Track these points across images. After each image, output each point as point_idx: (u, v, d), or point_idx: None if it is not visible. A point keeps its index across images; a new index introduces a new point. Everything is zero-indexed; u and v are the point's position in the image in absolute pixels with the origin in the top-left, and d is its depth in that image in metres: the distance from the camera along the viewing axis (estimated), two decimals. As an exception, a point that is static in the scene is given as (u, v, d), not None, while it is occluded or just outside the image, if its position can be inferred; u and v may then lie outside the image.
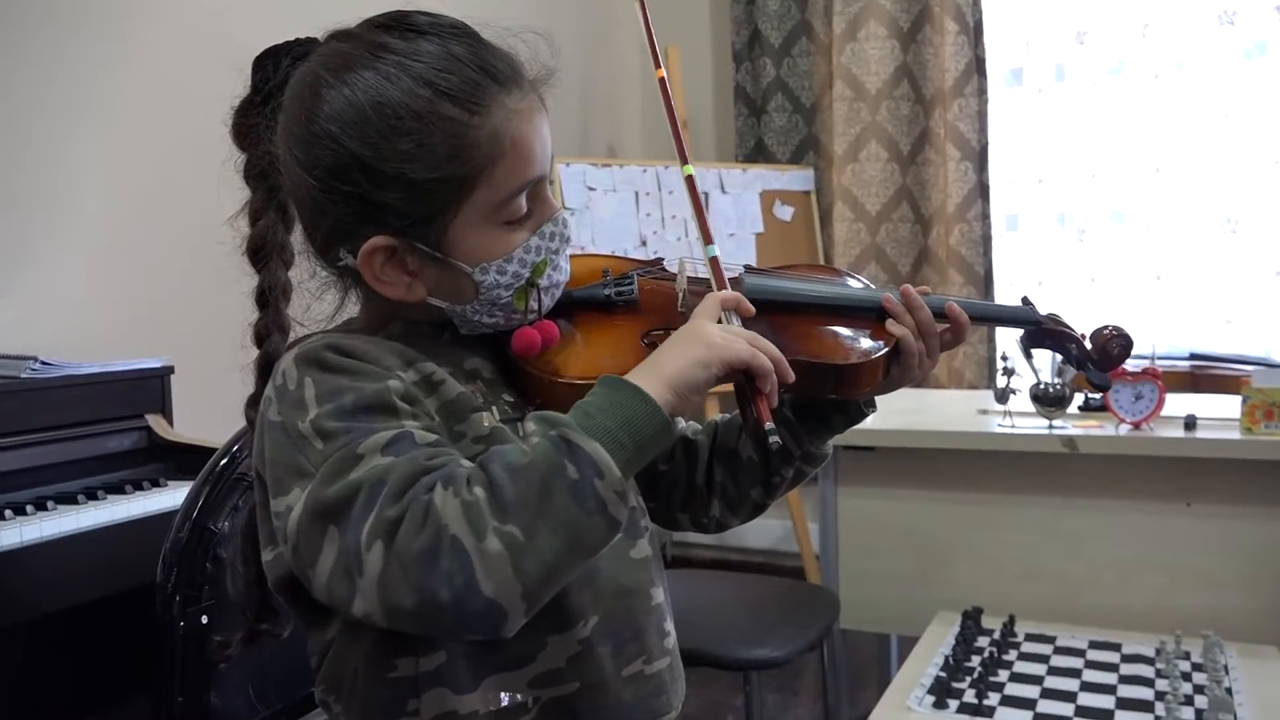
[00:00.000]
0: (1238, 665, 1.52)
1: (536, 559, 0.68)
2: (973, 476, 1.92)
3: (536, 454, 0.70)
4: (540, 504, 0.69)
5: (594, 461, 0.70)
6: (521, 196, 0.81)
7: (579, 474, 0.69)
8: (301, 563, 0.73)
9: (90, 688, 1.63)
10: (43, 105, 1.97)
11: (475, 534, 0.67)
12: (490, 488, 0.69)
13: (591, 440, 0.71)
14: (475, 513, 0.68)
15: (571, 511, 0.69)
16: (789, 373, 0.79)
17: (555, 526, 0.69)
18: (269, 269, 0.85)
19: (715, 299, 0.83)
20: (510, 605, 0.69)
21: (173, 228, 2.15)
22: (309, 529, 0.71)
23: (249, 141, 0.86)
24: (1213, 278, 3.08)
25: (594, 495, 0.69)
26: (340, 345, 0.79)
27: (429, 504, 0.69)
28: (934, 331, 0.95)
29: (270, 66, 0.85)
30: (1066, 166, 3.27)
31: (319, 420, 0.74)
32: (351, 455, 0.72)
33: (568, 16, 3.54)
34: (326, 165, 0.78)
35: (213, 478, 1.07)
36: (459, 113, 0.78)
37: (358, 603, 0.70)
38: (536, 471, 0.69)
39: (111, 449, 1.73)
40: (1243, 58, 3.03)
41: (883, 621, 2.05)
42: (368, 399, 0.75)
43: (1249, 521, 1.75)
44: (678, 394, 0.76)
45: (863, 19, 3.40)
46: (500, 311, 0.84)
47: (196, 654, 1.01)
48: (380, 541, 0.68)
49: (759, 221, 3.37)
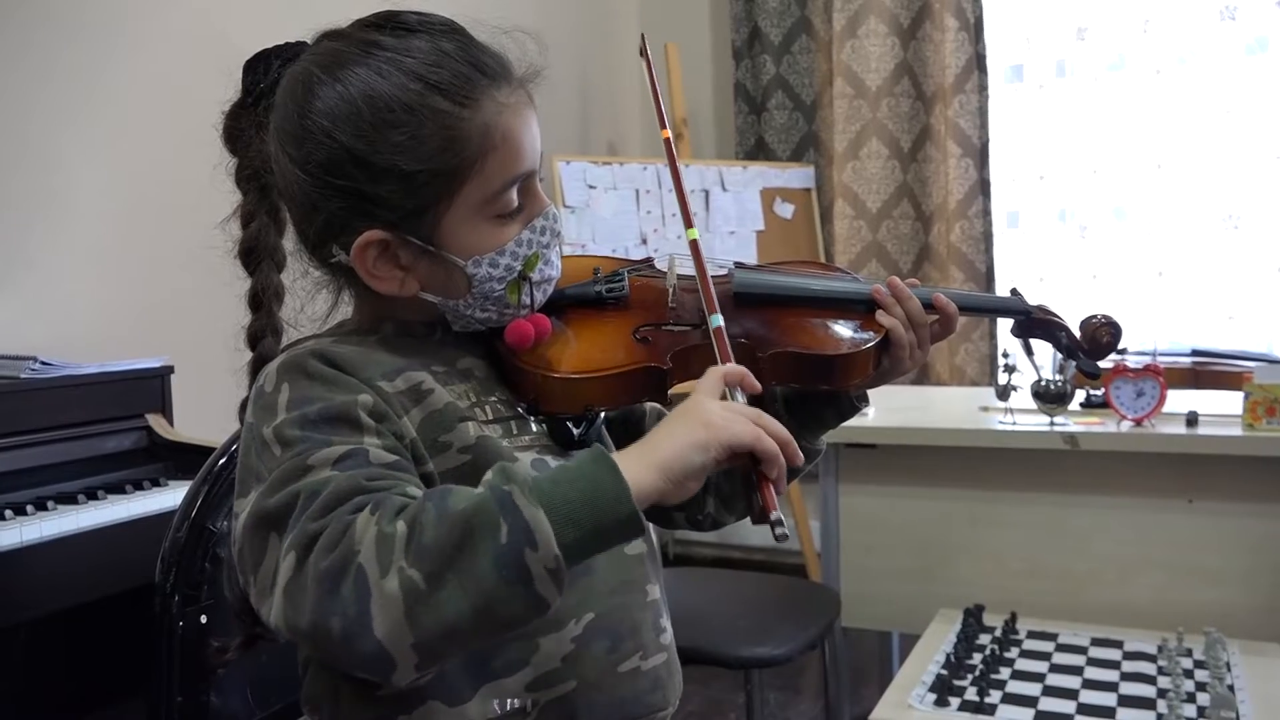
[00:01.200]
0: (1239, 662, 1.52)
1: (434, 613, 0.64)
2: (974, 474, 1.92)
3: (473, 504, 0.66)
4: (455, 556, 0.64)
5: (529, 529, 0.64)
6: (512, 190, 0.82)
7: (509, 538, 0.64)
8: (244, 567, 0.73)
9: (89, 687, 1.63)
10: (40, 106, 1.97)
11: (380, 568, 0.64)
12: (413, 525, 0.65)
13: (537, 507, 0.65)
14: (387, 547, 0.65)
15: (488, 576, 0.64)
16: (798, 454, 0.74)
17: (465, 585, 0.64)
18: (261, 271, 0.86)
19: (717, 373, 0.78)
20: (398, 655, 0.64)
21: (172, 227, 2.14)
22: (251, 536, 0.71)
23: (240, 144, 0.86)
24: (1214, 274, 3.07)
25: (519, 565, 0.64)
26: (325, 353, 0.79)
27: (349, 525, 0.66)
28: (924, 322, 0.96)
29: (260, 69, 0.86)
30: (1068, 163, 3.27)
31: (281, 428, 0.74)
32: (301, 466, 0.71)
33: (567, 15, 3.54)
34: (319, 160, 0.79)
35: (212, 477, 1.06)
36: (450, 106, 0.78)
37: (269, 611, 0.68)
38: (465, 522, 0.65)
39: (111, 449, 1.73)
40: (1244, 53, 3.03)
41: (884, 619, 2.05)
42: (333, 410, 0.74)
43: (1251, 518, 1.75)
44: (670, 479, 0.70)
45: (863, 16, 3.39)
46: (493, 305, 0.84)
47: (195, 654, 1.00)
48: (294, 554, 0.67)
49: (759, 219, 3.36)
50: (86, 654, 1.61)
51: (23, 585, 1.41)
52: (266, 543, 0.70)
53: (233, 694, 1.04)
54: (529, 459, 0.83)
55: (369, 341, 0.83)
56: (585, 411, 0.87)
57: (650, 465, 0.70)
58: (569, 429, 0.87)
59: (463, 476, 0.78)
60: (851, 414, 1.00)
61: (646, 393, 0.89)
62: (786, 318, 0.94)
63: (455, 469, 0.79)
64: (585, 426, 0.88)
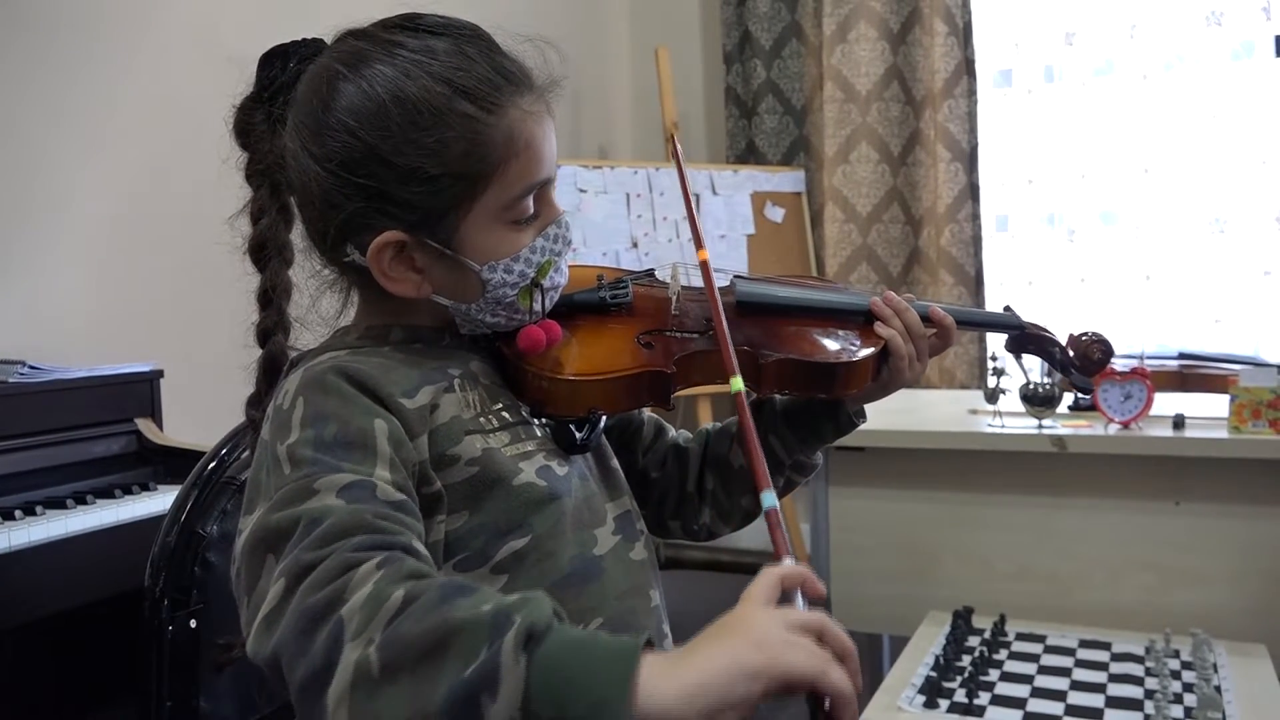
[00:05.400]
0: (1226, 663, 1.53)
1: (371, 705, 0.57)
2: (963, 476, 1.93)
3: (469, 619, 0.58)
4: (418, 664, 0.57)
5: (496, 678, 0.55)
6: (529, 197, 0.83)
7: (473, 674, 0.56)
8: (240, 589, 0.71)
9: (79, 693, 1.62)
10: (30, 110, 1.96)
11: (355, 629, 0.59)
12: (406, 603, 0.60)
13: (520, 661, 0.56)
14: (372, 611, 0.60)
15: (435, 700, 0.56)
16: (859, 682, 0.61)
17: (411, 699, 0.57)
18: (271, 268, 0.85)
19: (775, 576, 0.65)
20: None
21: (162, 232, 2.14)
22: (250, 556, 0.70)
23: (252, 139, 0.85)
24: (1201, 277, 3.09)
25: (470, 704, 0.55)
26: (345, 369, 0.77)
27: (350, 567, 0.63)
28: (922, 333, 0.98)
29: (277, 65, 0.86)
30: (1056, 167, 3.28)
31: (294, 446, 0.72)
32: (307, 489, 0.69)
33: (559, 18, 3.54)
34: (342, 158, 0.78)
35: (201, 481, 1.06)
36: (476, 111, 0.79)
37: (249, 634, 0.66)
38: (449, 634, 0.58)
39: (100, 453, 1.72)
40: (1230, 58, 3.05)
41: (874, 621, 2.05)
42: (349, 435, 0.73)
43: (1237, 520, 1.76)
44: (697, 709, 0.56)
45: (853, 21, 3.41)
46: (504, 310, 0.85)
47: (185, 658, 1.00)
48: (284, 581, 0.64)
49: (750, 223, 3.37)
50: (76, 659, 1.61)
51: (11, 590, 1.40)
52: (263, 566, 0.68)
53: (223, 699, 1.04)
54: (535, 465, 0.83)
55: (383, 352, 0.83)
56: (588, 414, 0.89)
57: (680, 686, 0.57)
58: (571, 432, 0.87)
59: (472, 488, 0.78)
60: (850, 429, 1.01)
61: (649, 397, 0.90)
62: (788, 327, 0.96)
63: (464, 481, 0.78)
64: (588, 430, 0.89)
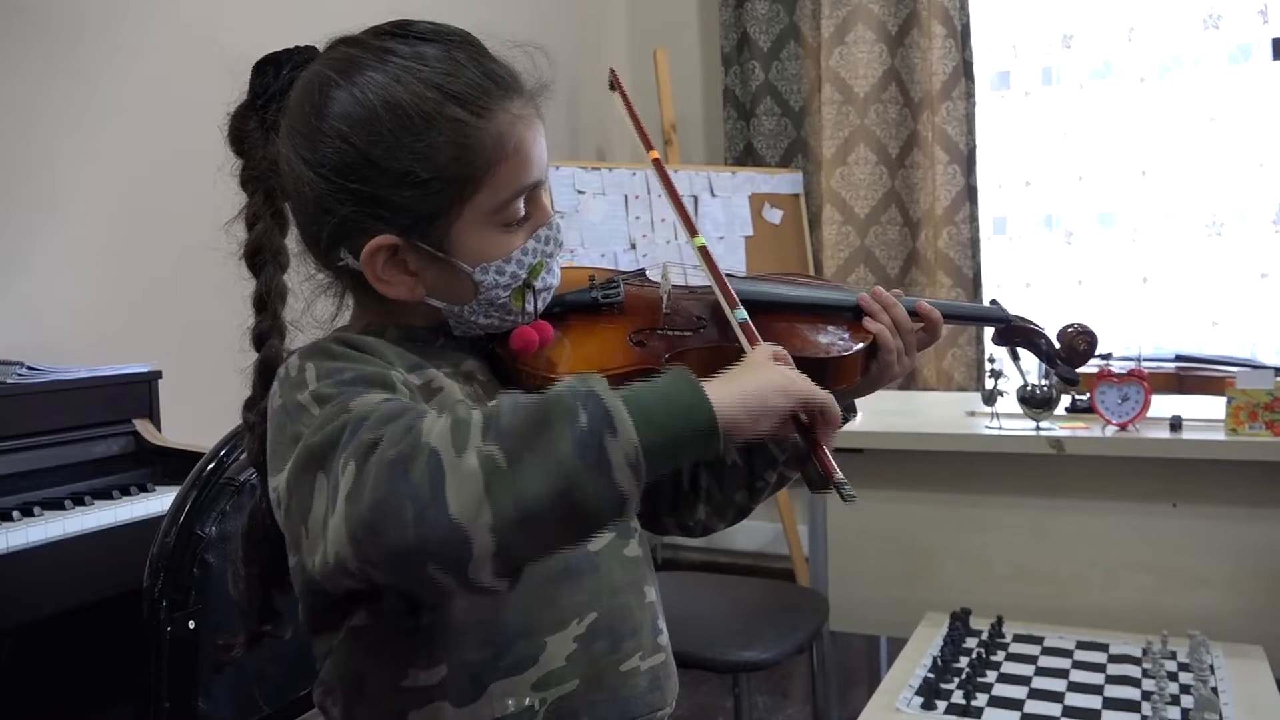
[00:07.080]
0: (1223, 665, 1.53)
1: (513, 491, 0.61)
2: (960, 478, 1.93)
3: (551, 395, 0.64)
4: (535, 436, 0.62)
5: (609, 416, 0.63)
6: (520, 200, 0.84)
7: (589, 424, 0.62)
8: (293, 522, 0.70)
9: (77, 694, 1.62)
10: (29, 112, 1.96)
11: (455, 449, 0.62)
12: (488, 415, 0.64)
13: (618, 400, 0.64)
14: (462, 431, 0.63)
15: (569, 458, 0.61)
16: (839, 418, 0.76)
17: (545, 464, 0.61)
18: (266, 273, 0.86)
19: (767, 349, 0.80)
20: (475, 535, 0.60)
21: (160, 232, 2.14)
22: (297, 486, 0.69)
23: (246, 146, 0.87)
24: (1198, 280, 3.10)
25: (599, 449, 0.62)
26: (347, 339, 0.81)
27: (414, 424, 0.65)
28: (909, 328, 1.00)
29: (270, 73, 0.87)
30: (1054, 169, 3.29)
31: (318, 389, 0.74)
32: (343, 409, 0.70)
33: (556, 19, 3.55)
34: (334, 163, 0.80)
35: (200, 482, 1.06)
36: (465, 115, 0.80)
37: (324, 548, 0.65)
38: (544, 409, 0.63)
39: (98, 454, 1.72)
40: (1227, 61, 3.05)
41: (872, 623, 2.06)
42: (368, 375, 0.75)
43: (1234, 522, 1.76)
44: (749, 412, 0.69)
45: (851, 23, 3.41)
46: (497, 312, 0.86)
47: (183, 659, 1.00)
48: (354, 463, 0.64)
49: (748, 224, 3.37)
50: (75, 660, 1.61)
51: (10, 591, 1.41)
52: (314, 486, 0.68)
53: (222, 699, 1.04)
54: None
55: (379, 340, 0.85)
56: None
57: (732, 393, 0.68)
58: None
59: None
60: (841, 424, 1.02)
61: None
62: (778, 323, 0.98)
63: None
64: None
